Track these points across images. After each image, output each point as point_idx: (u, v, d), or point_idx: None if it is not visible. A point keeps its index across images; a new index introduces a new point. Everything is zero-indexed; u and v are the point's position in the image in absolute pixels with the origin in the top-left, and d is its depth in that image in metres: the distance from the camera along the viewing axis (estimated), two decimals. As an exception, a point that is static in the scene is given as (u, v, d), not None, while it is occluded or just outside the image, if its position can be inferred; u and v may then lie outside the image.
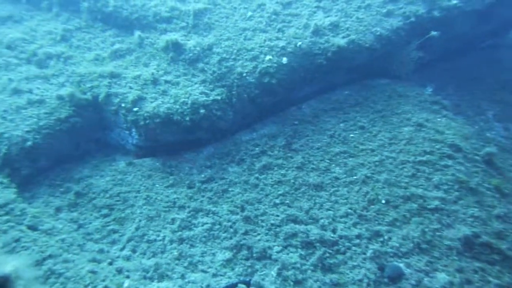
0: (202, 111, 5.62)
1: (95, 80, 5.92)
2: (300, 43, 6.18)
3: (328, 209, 4.83)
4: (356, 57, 6.38)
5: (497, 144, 6.01)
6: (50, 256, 3.78)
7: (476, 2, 6.88)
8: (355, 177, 5.19)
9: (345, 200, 4.92)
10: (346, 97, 6.55)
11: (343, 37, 6.26)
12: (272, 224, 4.75)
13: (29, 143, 5.24)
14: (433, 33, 6.31)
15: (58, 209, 4.91)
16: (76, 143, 5.81)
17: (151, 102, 5.68)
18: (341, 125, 6.07)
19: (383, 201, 4.79)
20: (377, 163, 5.29)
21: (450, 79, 7.66)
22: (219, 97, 5.84)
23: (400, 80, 6.98)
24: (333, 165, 5.45)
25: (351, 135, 5.87)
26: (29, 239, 3.89)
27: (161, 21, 6.84)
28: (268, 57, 6.07)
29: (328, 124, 6.13)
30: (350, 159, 5.48)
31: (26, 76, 6.18)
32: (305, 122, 6.24)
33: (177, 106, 5.60)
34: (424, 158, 5.14)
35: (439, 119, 5.85)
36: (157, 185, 5.35)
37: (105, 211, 4.81)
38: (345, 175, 5.25)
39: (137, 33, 6.62)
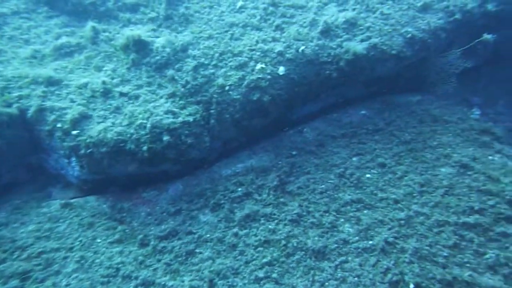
0: (166, 138, 4.40)
1: (25, 88, 4.71)
2: (303, 47, 4.88)
3: (331, 292, 3.60)
4: (377, 68, 5.07)
5: None
6: None
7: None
8: (371, 242, 3.93)
9: (356, 279, 3.68)
10: (363, 119, 5.25)
11: (362, 41, 4.93)
12: (250, 313, 3.55)
13: None
14: (487, 36, 4.95)
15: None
16: (-4, 172, 4.65)
17: (98, 123, 4.46)
18: (354, 159, 4.80)
19: (412, 286, 3.53)
20: (402, 221, 4.02)
21: (500, 92, 6.30)
22: (191, 118, 4.59)
23: (435, 97, 5.64)
24: (342, 219, 4.20)
25: (368, 175, 4.59)
26: None
27: (124, 8, 5.58)
28: (260, 66, 4.79)
29: (337, 157, 4.86)
30: (365, 212, 4.22)
31: None
32: (306, 153, 4.98)
33: (132, 131, 4.38)
34: (471, 220, 3.85)
35: (490, 158, 4.53)
36: (98, 240, 4.16)
37: (13, 283, 3.63)
38: (357, 238, 4.00)
39: (91, 24, 5.36)
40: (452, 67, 5.28)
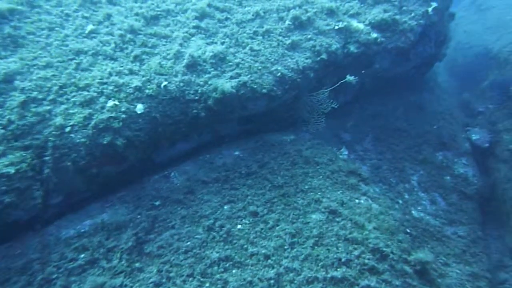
0: (-29, 198, 3.33)
1: None
2: (166, 82, 4.37)
3: None
4: (249, 106, 4.84)
5: (425, 229, 5.05)
6: None
7: (399, 38, 5.99)
8: (237, 310, 3.49)
9: None
10: (236, 161, 4.93)
11: (231, 78, 4.65)
12: None
13: None
14: (349, 78, 5.15)
15: None
16: None
17: None
18: (226, 208, 4.39)
19: None
20: (272, 281, 3.69)
21: (368, 127, 6.71)
22: (12, 169, 3.61)
23: (309, 135, 5.68)
24: (207, 284, 3.69)
25: (239, 226, 4.21)
26: None
27: None
28: (112, 102, 4.10)
29: (207, 206, 4.39)
30: (234, 271, 3.79)
31: None
32: (172, 202, 4.40)
33: None
34: (338, 274, 3.72)
35: (357, 201, 4.59)
36: None
37: None
38: (222, 306, 3.52)
39: None
40: (321, 107, 5.38)
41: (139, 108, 4.22)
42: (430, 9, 5.84)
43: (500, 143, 6.33)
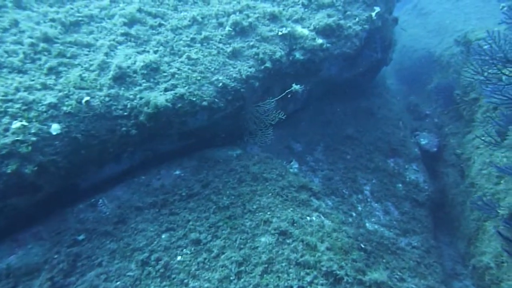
0: None
1: None
2: (88, 98, 3.82)
3: None
4: (188, 121, 4.41)
5: (379, 242, 4.89)
6: None
7: (345, 44, 5.84)
8: None
9: None
10: (176, 181, 4.47)
11: (166, 90, 4.20)
12: None
13: None
14: (296, 87, 4.90)
15: None
16: None
17: None
18: (164, 237, 3.91)
19: None
20: (216, 321, 3.28)
21: (319, 136, 6.53)
22: None
23: (257, 147, 5.36)
24: (140, 332, 3.19)
25: (179, 257, 3.76)
26: None
27: None
28: (18, 123, 3.49)
29: (142, 236, 3.89)
30: (172, 313, 3.33)
31: None
32: (100, 235, 3.84)
33: None
34: (290, 305, 3.39)
35: (309, 218, 4.31)
36: None
37: None
38: None
39: None
40: (268, 118, 5.08)
41: (55, 128, 3.64)
42: (373, 14, 5.78)
43: (448, 147, 6.41)
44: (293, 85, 4.86)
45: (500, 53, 4.25)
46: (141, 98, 4.05)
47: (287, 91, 4.99)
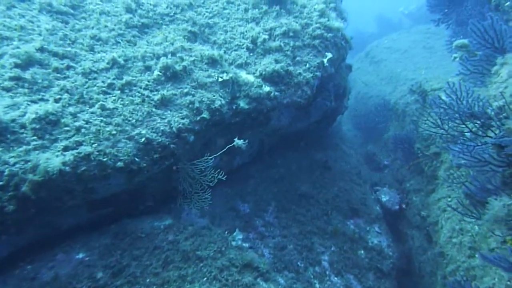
0: None
1: None
2: None
3: None
4: (98, 188, 3.46)
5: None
6: None
7: (295, 92, 5.27)
8: None
9: None
10: (77, 270, 3.41)
11: (66, 149, 3.27)
12: None
13: None
14: (238, 142, 4.15)
15: None
16: None
17: None
18: None
19: None
20: None
21: (271, 195, 5.75)
22: None
23: (193, 214, 4.46)
24: None
25: None
26: None
27: None
28: None
29: None
30: None
31: None
32: None
33: None
34: None
35: (252, 313, 3.39)
36: None
37: None
38: None
39: None
40: (205, 179, 4.25)
41: None
42: (325, 60, 5.34)
43: (411, 206, 5.88)
44: (235, 139, 4.11)
45: (465, 107, 3.83)
46: (26, 162, 3.08)
47: (228, 146, 4.23)
